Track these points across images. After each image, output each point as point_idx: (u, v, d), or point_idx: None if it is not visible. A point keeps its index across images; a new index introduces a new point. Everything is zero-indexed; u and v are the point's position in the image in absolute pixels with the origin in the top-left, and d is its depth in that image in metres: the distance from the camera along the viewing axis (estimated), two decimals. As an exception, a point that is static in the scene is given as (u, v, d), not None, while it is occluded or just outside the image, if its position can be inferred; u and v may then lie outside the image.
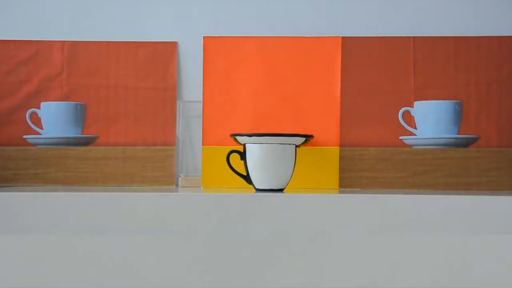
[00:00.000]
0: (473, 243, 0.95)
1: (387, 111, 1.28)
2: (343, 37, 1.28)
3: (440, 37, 1.29)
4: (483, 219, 0.96)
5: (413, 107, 1.28)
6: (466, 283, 0.95)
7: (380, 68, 1.28)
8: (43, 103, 1.32)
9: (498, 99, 1.27)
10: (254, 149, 1.07)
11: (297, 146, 1.11)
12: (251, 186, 1.10)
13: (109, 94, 1.32)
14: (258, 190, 1.08)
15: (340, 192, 1.13)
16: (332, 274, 0.95)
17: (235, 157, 1.10)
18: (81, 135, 1.32)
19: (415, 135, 1.27)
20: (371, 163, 1.26)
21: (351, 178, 1.26)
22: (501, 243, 0.95)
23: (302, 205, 0.96)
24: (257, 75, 1.27)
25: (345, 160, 1.26)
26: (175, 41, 1.35)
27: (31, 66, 1.32)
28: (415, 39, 1.29)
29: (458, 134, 1.27)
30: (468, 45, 1.28)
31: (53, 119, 1.32)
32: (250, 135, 1.10)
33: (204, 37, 1.28)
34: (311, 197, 0.97)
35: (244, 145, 1.09)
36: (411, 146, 1.27)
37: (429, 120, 1.27)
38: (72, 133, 1.32)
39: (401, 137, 1.27)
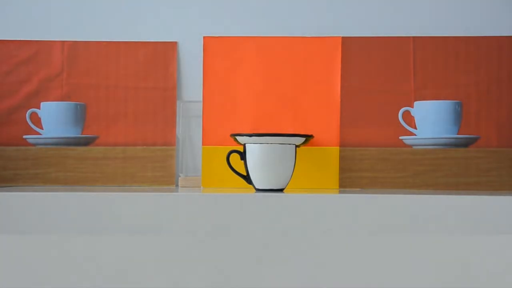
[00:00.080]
0: (473, 243, 0.95)
1: (387, 111, 1.28)
2: (343, 37, 1.28)
3: (440, 37, 1.29)
4: (483, 219, 0.95)
5: (413, 107, 1.28)
6: (466, 283, 0.95)
7: (380, 68, 1.28)
8: (43, 103, 1.32)
9: (498, 99, 1.27)
10: (254, 149, 1.07)
11: (297, 146, 1.11)
12: (251, 186, 1.10)
13: (109, 94, 1.32)
14: (258, 190, 1.08)
15: (340, 192, 1.13)
16: (332, 274, 0.95)
17: (235, 157, 1.10)
18: (81, 135, 1.32)
19: (415, 135, 1.27)
20: (371, 163, 1.26)
21: (351, 178, 1.26)
22: (501, 243, 0.95)
23: (302, 205, 0.96)
24: (257, 75, 1.27)
25: (345, 160, 1.26)
26: (175, 41, 1.35)
27: (31, 66, 1.32)
28: (415, 39, 1.28)
29: (458, 134, 1.27)
30: (468, 45, 1.28)
31: (53, 119, 1.32)
32: (250, 135, 1.10)
33: (204, 37, 1.28)
34: (311, 197, 0.97)
35: (244, 145, 1.09)
36: (411, 146, 1.27)
37: (429, 120, 1.27)
38: (72, 133, 1.32)
39: (401, 137, 1.27)
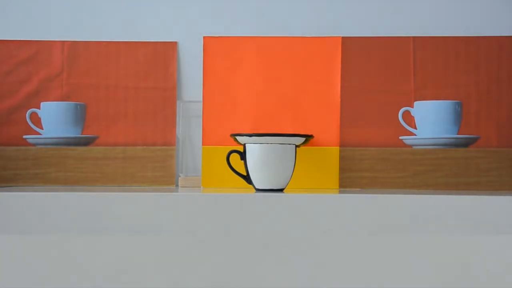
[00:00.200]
0: (473, 243, 0.95)
1: (387, 111, 1.28)
2: (343, 37, 1.28)
3: (440, 37, 1.29)
4: (483, 219, 0.95)
5: (413, 107, 1.28)
6: (466, 283, 0.95)
7: (380, 68, 1.28)
8: (43, 103, 1.32)
9: (498, 99, 1.27)
10: (254, 149, 1.07)
11: (297, 146, 1.11)
12: (251, 186, 1.10)
13: (109, 94, 1.32)
14: (258, 190, 1.08)
15: (340, 192, 1.13)
16: (332, 274, 0.95)
17: (235, 157, 1.10)
18: (81, 135, 1.32)
19: (415, 135, 1.27)
20: (371, 163, 1.26)
21: (351, 178, 1.26)
22: (501, 243, 0.95)
23: (302, 205, 0.96)
24: (257, 75, 1.27)
25: (345, 160, 1.26)
26: (175, 41, 1.35)
27: (31, 66, 1.32)
28: (415, 39, 1.28)
29: (458, 134, 1.27)
30: (468, 45, 1.28)
31: (53, 119, 1.32)
32: (250, 135, 1.10)
33: (204, 37, 1.28)
34: (311, 197, 0.97)
35: (244, 145, 1.09)
36: (411, 146, 1.27)
37: (429, 120, 1.27)
38: (72, 133, 1.32)
39: (401, 137, 1.27)
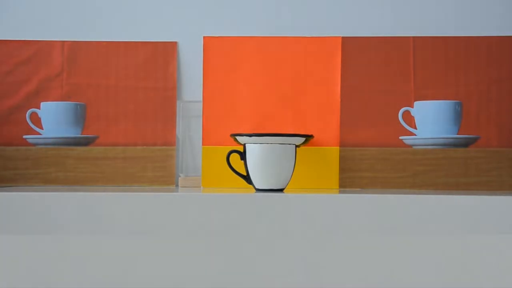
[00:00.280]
0: (473, 243, 0.95)
1: (387, 111, 1.28)
2: (343, 37, 1.28)
3: (440, 37, 1.29)
4: (483, 219, 0.95)
5: (413, 107, 1.28)
6: (466, 283, 0.95)
7: (380, 68, 1.28)
8: (43, 103, 1.32)
9: (498, 99, 1.27)
10: (254, 149, 1.07)
11: (297, 146, 1.11)
12: (251, 186, 1.10)
13: (109, 94, 1.32)
14: (258, 190, 1.08)
15: (340, 192, 1.13)
16: (332, 274, 0.95)
17: (235, 157, 1.10)
18: (81, 135, 1.32)
19: (415, 135, 1.27)
20: (371, 163, 1.26)
21: (351, 178, 1.26)
22: (501, 243, 0.95)
23: (302, 205, 0.96)
24: (257, 75, 1.27)
25: (345, 160, 1.26)
26: (175, 41, 1.35)
27: (31, 66, 1.32)
28: (415, 39, 1.28)
29: (458, 134, 1.27)
30: (468, 45, 1.28)
31: (53, 119, 1.32)
32: (250, 135, 1.09)
33: (204, 37, 1.28)
34: (311, 197, 0.97)
35: (244, 145, 1.09)
36: (411, 146, 1.27)
37: (429, 120, 1.27)
38: (72, 133, 1.32)
39: (401, 137, 1.27)
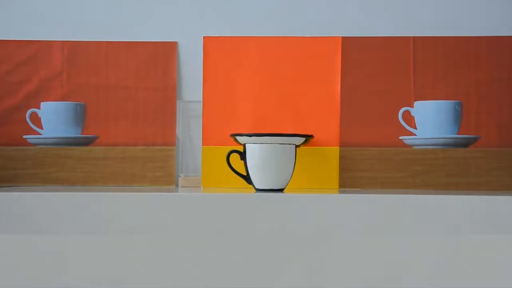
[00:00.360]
0: (473, 243, 0.95)
1: (387, 111, 1.28)
2: (343, 37, 1.28)
3: (440, 37, 1.28)
4: (483, 219, 0.95)
5: (413, 107, 1.28)
6: (466, 283, 0.95)
7: (380, 68, 1.28)
8: (43, 103, 1.32)
9: (498, 99, 1.27)
10: (254, 149, 1.07)
11: (297, 146, 1.11)
12: (251, 186, 1.10)
13: (109, 94, 1.32)
14: (258, 190, 1.08)
15: (340, 192, 1.13)
16: (332, 274, 0.95)
17: (235, 157, 1.10)
18: (81, 135, 1.32)
19: (415, 135, 1.27)
20: (371, 163, 1.26)
21: (351, 178, 1.26)
22: (501, 243, 0.95)
23: (302, 205, 0.96)
24: (257, 75, 1.27)
25: (345, 160, 1.26)
26: (175, 41, 1.35)
27: (31, 66, 1.32)
28: (415, 39, 1.28)
29: (458, 134, 1.27)
30: (468, 45, 1.28)
31: (53, 119, 1.32)
32: (250, 135, 1.10)
33: (204, 37, 1.28)
34: (311, 197, 0.97)
35: (244, 145, 1.09)
36: (411, 146, 1.27)
37: (429, 120, 1.27)
38: (72, 133, 1.32)
39: (401, 137, 1.27)
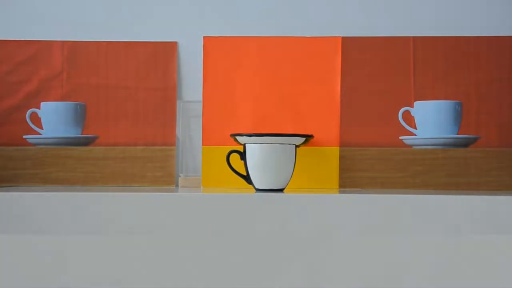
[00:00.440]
0: (473, 243, 0.95)
1: (387, 111, 1.28)
2: (343, 37, 1.28)
3: (440, 37, 1.28)
4: (483, 219, 0.95)
5: (413, 107, 1.28)
6: (466, 283, 0.95)
7: (380, 68, 1.28)
8: (43, 103, 1.32)
9: (498, 99, 1.27)
10: (254, 149, 1.07)
11: (297, 146, 1.11)
12: (251, 186, 1.10)
13: (109, 94, 1.32)
14: (258, 190, 1.08)
15: (340, 192, 1.13)
16: (332, 274, 0.95)
17: (235, 157, 1.10)
18: (81, 135, 1.32)
19: (415, 135, 1.27)
20: (371, 163, 1.26)
21: (351, 178, 1.26)
22: (501, 243, 0.95)
23: (302, 205, 0.96)
24: (257, 75, 1.27)
25: (345, 160, 1.26)
26: (175, 41, 1.35)
27: (31, 66, 1.32)
28: (415, 39, 1.28)
29: (458, 134, 1.27)
30: (468, 45, 1.28)
31: (53, 119, 1.32)
32: (250, 135, 1.10)
33: (204, 37, 1.28)
34: (311, 197, 0.97)
35: (244, 145, 1.09)
36: (411, 146, 1.27)
37: (429, 120, 1.27)
38: (72, 133, 1.32)
39: (401, 137, 1.27)
